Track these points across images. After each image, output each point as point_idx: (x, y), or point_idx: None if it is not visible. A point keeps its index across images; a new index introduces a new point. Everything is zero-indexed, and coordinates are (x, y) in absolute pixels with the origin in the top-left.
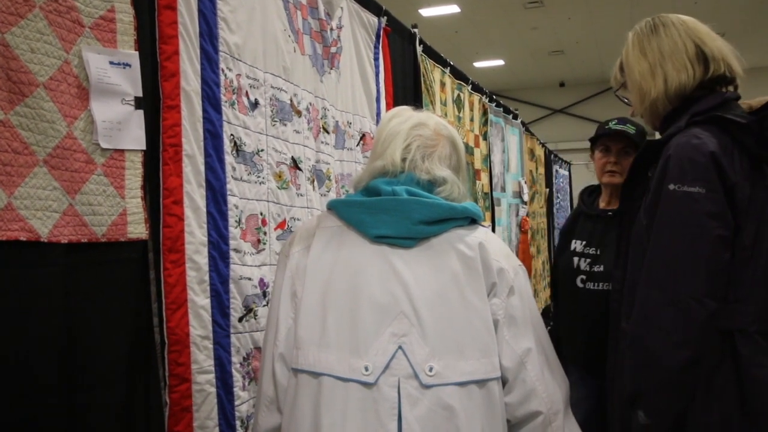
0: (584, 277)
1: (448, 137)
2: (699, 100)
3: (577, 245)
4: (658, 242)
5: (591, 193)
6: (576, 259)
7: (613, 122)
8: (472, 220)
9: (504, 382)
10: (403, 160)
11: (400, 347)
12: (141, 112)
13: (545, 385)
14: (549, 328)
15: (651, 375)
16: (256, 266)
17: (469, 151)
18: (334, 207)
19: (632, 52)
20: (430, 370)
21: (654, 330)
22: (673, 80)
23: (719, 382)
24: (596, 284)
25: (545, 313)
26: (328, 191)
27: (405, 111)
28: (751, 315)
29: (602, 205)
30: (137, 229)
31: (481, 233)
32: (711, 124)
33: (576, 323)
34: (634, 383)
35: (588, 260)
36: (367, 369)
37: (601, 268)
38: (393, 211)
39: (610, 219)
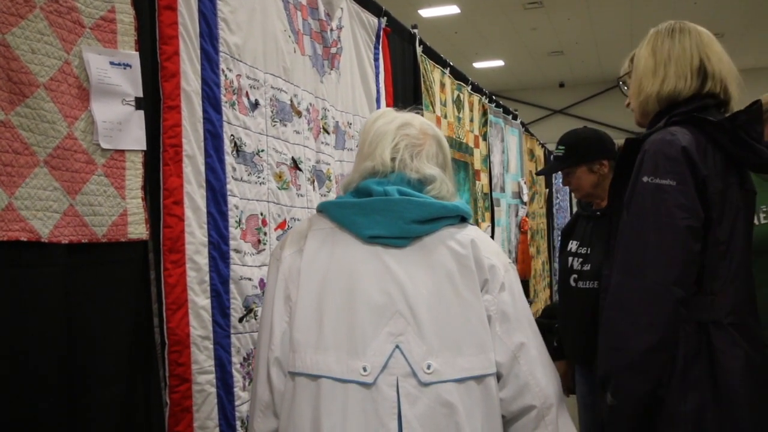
0: (576, 276)
1: (434, 136)
2: (682, 104)
3: (572, 245)
4: (630, 231)
5: None
6: (570, 258)
7: (553, 153)
8: (462, 219)
9: (497, 377)
10: (393, 159)
11: (397, 346)
12: (141, 113)
13: (537, 379)
14: (556, 325)
15: (619, 357)
16: (256, 266)
17: (469, 151)
18: (325, 209)
19: (645, 47)
20: (428, 367)
21: (624, 313)
22: (669, 84)
23: (695, 373)
24: (585, 282)
25: (551, 312)
26: (329, 192)
27: (389, 112)
28: (726, 307)
29: (595, 206)
30: (138, 229)
31: (471, 231)
32: (687, 124)
33: (570, 321)
34: (604, 365)
35: (580, 259)
36: (365, 369)
37: (589, 267)
38: (385, 212)
39: (599, 218)
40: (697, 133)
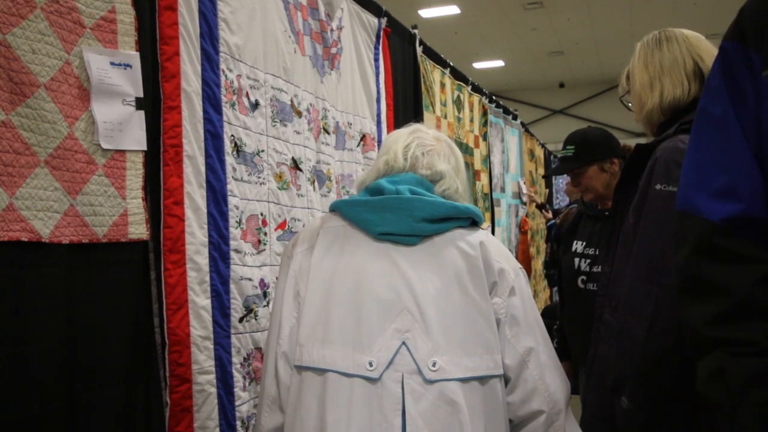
0: (584, 278)
1: (446, 142)
2: (689, 111)
3: (578, 246)
4: (644, 237)
5: None
6: (577, 260)
7: (559, 153)
8: (473, 222)
9: (506, 381)
10: (405, 158)
11: (403, 343)
12: (142, 113)
13: (546, 384)
14: (556, 326)
15: (634, 362)
16: (256, 267)
17: (469, 151)
18: (337, 207)
19: (637, 64)
20: (434, 365)
21: (638, 319)
22: (668, 94)
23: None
24: (595, 285)
25: (551, 312)
26: (329, 192)
27: (404, 128)
28: None
29: (600, 205)
30: (138, 229)
31: (481, 234)
32: None
33: (577, 323)
34: (618, 370)
35: (588, 261)
36: (371, 364)
37: (599, 269)
38: (396, 209)
39: (606, 219)
40: None
